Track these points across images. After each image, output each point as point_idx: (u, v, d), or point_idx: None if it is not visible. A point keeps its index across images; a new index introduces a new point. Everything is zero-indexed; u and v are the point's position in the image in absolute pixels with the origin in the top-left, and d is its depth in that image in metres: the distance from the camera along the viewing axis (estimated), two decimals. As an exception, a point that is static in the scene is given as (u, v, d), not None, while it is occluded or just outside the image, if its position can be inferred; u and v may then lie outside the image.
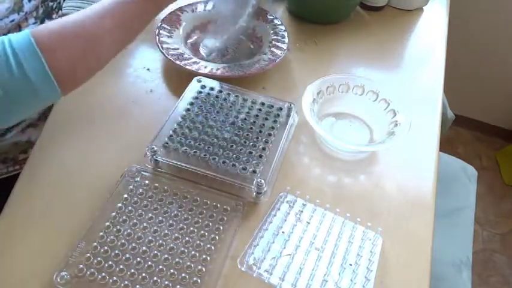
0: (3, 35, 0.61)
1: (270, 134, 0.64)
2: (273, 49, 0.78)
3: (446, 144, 1.78)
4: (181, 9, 0.84)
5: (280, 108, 0.68)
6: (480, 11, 1.47)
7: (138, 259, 0.51)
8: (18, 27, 0.64)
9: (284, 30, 0.81)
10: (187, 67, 0.72)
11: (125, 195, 0.57)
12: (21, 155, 0.71)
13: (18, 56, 0.47)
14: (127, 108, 0.70)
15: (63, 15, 1.10)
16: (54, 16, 0.71)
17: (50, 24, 0.50)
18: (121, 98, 0.72)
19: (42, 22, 0.68)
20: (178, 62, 0.73)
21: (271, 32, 0.81)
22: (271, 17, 0.84)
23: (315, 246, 0.55)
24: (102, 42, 0.53)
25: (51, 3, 0.69)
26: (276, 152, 0.62)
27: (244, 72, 0.73)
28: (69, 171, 0.62)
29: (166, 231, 0.54)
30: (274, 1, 0.94)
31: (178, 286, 0.50)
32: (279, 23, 0.83)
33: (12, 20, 0.61)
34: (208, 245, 0.53)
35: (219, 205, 0.58)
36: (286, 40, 0.79)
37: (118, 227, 0.54)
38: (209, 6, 0.85)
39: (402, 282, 0.54)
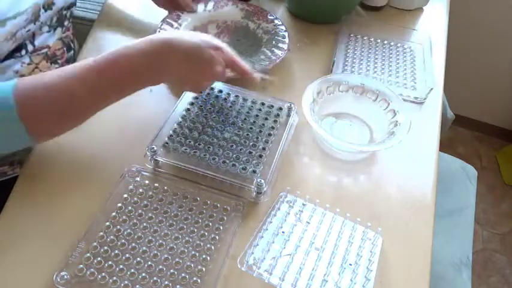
0: (19, 44, 0.63)
1: (270, 134, 0.64)
2: (273, 49, 0.78)
3: (446, 144, 1.78)
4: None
5: (280, 108, 0.68)
6: (480, 11, 1.47)
7: (138, 259, 0.51)
8: (32, 36, 0.65)
9: (284, 31, 0.81)
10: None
11: (125, 195, 0.57)
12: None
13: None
14: (127, 108, 0.70)
15: (82, 18, 1.10)
16: (65, 23, 0.72)
17: (38, 94, 0.51)
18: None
19: (55, 30, 0.69)
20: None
21: (272, 32, 0.81)
22: (272, 17, 0.84)
23: (315, 246, 0.55)
24: (86, 116, 0.56)
25: (64, 12, 0.71)
26: (276, 152, 0.62)
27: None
28: (69, 171, 0.62)
29: (166, 231, 0.54)
30: (274, 1, 0.94)
31: (178, 286, 0.50)
32: (280, 23, 0.83)
33: (29, 30, 0.62)
34: (208, 245, 0.53)
35: (219, 205, 0.58)
36: (287, 40, 0.79)
37: (118, 227, 0.54)
38: (209, 6, 0.85)
39: (402, 282, 0.54)
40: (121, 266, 0.51)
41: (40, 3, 0.62)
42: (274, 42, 0.79)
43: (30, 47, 0.65)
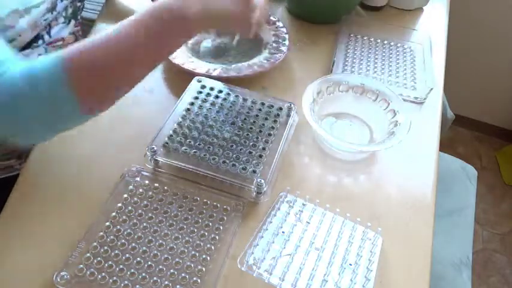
0: (37, 34, 0.64)
1: (270, 134, 0.64)
2: (272, 51, 0.78)
3: (446, 144, 1.78)
4: None
5: (280, 108, 0.68)
6: (480, 11, 1.47)
7: (138, 259, 0.51)
8: (48, 26, 0.66)
9: (285, 33, 0.81)
10: (185, 66, 0.72)
11: (125, 195, 0.57)
12: None
13: (52, 92, 0.47)
14: (127, 108, 0.70)
15: (82, 17, 1.12)
16: (78, 17, 0.74)
17: (84, 60, 0.48)
18: (121, 98, 0.72)
19: (69, 22, 0.71)
20: (176, 61, 0.73)
21: (273, 33, 0.81)
22: (274, 19, 0.83)
23: (315, 246, 0.55)
24: (134, 76, 0.53)
25: (78, 4, 0.72)
26: (276, 151, 0.62)
27: (238, 74, 0.72)
28: (69, 171, 0.62)
29: (166, 231, 0.54)
30: (274, 1, 0.94)
31: (178, 286, 0.50)
32: (281, 25, 0.82)
33: (46, 19, 0.63)
34: (208, 245, 0.53)
35: (219, 205, 0.58)
36: (287, 43, 0.79)
37: (118, 227, 0.54)
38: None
39: (402, 282, 0.54)
40: (121, 266, 0.51)
41: None
42: (274, 44, 0.79)
43: (46, 37, 0.67)
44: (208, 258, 0.52)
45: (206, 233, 0.55)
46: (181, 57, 0.75)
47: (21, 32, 0.59)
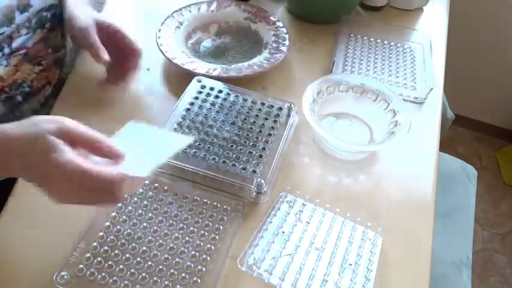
0: None
1: (270, 134, 0.64)
2: (272, 51, 0.78)
3: (446, 144, 1.78)
4: (184, 8, 0.84)
5: (280, 108, 0.68)
6: (480, 11, 1.47)
7: (138, 259, 0.51)
8: (9, 39, 0.63)
9: (285, 33, 0.81)
10: (185, 66, 0.72)
11: (125, 195, 0.57)
12: None
13: None
14: (127, 109, 0.70)
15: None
16: (46, 25, 0.69)
17: None
18: (121, 98, 0.72)
19: (34, 32, 0.66)
20: (176, 61, 0.73)
21: (273, 33, 0.81)
22: (274, 19, 0.83)
23: (315, 246, 0.55)
24: None
25: (45, 13, 0.67)
26: (276, 151, 0.62)
27: (238, 74, 0.72)
28: (69, 171, 0.61)
29: (166, 231, 0.54)
30: (274, 1, 0.94)
31: (178, 286, 0.50)
32: (281, 25, 0.82)
33: (3, 33, 0.60)
34: (208, 245, 0.53)
35: (219, 205, 0.58)
36: (287, 43, 0.79)
37: (118, 227, 0.54)
38: (213, 6, 0.85)
39: (402, 282, 0.54)
40: (121, 266, 0.51)
41: (14, 5, 0.59)
42: (275, 44, 0.79)
43: (6, 50, 0.63)
44: (208, 258, 0.52)
45: (206, 233, 0.55)
46: (181, 57, 0.75)
47: None
